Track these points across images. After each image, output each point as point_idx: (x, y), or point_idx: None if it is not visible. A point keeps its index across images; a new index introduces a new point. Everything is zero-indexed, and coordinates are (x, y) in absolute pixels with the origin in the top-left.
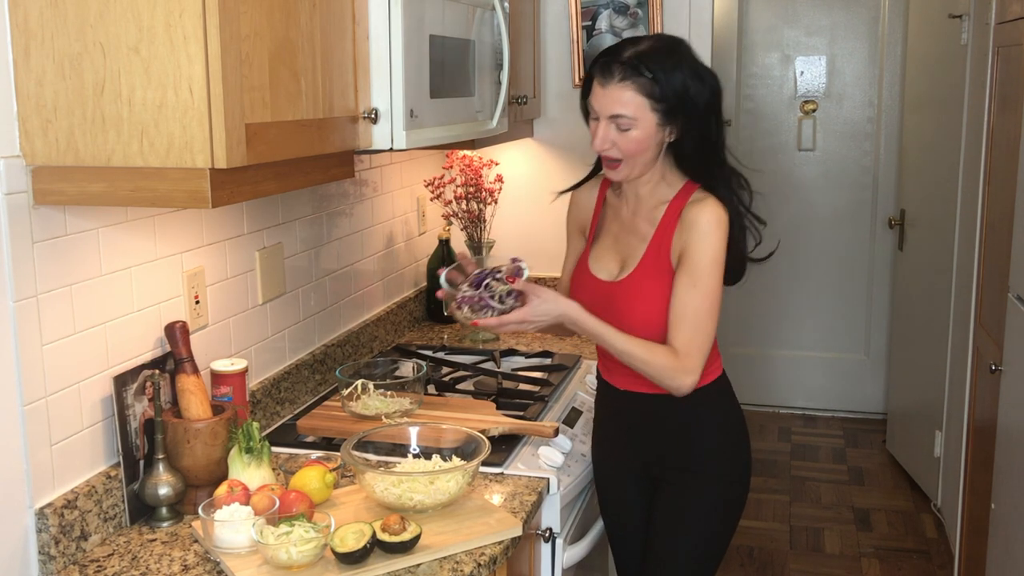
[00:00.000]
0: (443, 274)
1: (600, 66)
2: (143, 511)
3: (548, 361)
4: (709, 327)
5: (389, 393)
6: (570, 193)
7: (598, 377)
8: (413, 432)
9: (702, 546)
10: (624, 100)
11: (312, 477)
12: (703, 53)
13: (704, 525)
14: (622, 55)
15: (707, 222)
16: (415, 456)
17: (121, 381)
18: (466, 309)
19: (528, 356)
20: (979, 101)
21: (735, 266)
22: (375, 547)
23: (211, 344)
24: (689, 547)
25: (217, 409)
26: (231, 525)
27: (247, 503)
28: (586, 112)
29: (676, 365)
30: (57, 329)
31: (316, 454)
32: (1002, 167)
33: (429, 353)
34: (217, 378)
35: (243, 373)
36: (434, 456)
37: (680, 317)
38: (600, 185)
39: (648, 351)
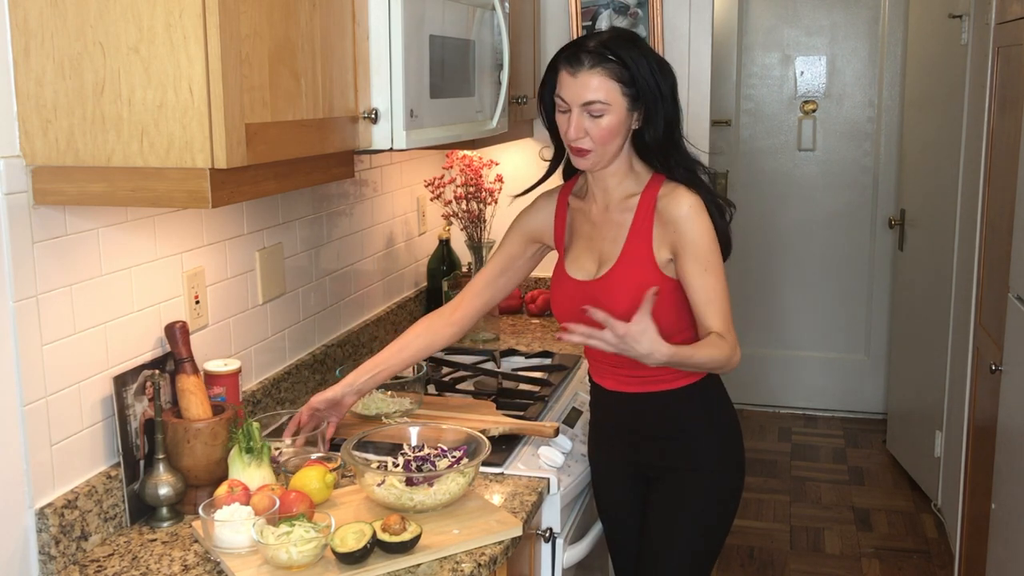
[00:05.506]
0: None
1: (566, 57)
2: (143, 511)
3: (548, 361)
4: (729, 302)
5: (389, 393)
6: (526, 196)
7: (590, 379)
8: (413, 432)
9: (697, 543)
10: (595, 86)
11: (312, 477)
12: (703, 53)
13: (698, 522)
14: (587, 45)
15: (687, 210)
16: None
17: (121, 381)
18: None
19: (528, 356)
20: (979, 101)
21: (722, 243)
22: (375, 547)
23: (211, 344)
24: (684, 545)
25: (217, 409)
26: (231, 525)
27: (247, 503)
28: (547, 111)
29: (730, 343)
30: (57, 329)
31: (316, 454)
32: (1002, 167)
33: None
34: (210, 379)
35: (236, 374)
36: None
37: (708, 302)
38: (557, 197)
39: (716, 348)
